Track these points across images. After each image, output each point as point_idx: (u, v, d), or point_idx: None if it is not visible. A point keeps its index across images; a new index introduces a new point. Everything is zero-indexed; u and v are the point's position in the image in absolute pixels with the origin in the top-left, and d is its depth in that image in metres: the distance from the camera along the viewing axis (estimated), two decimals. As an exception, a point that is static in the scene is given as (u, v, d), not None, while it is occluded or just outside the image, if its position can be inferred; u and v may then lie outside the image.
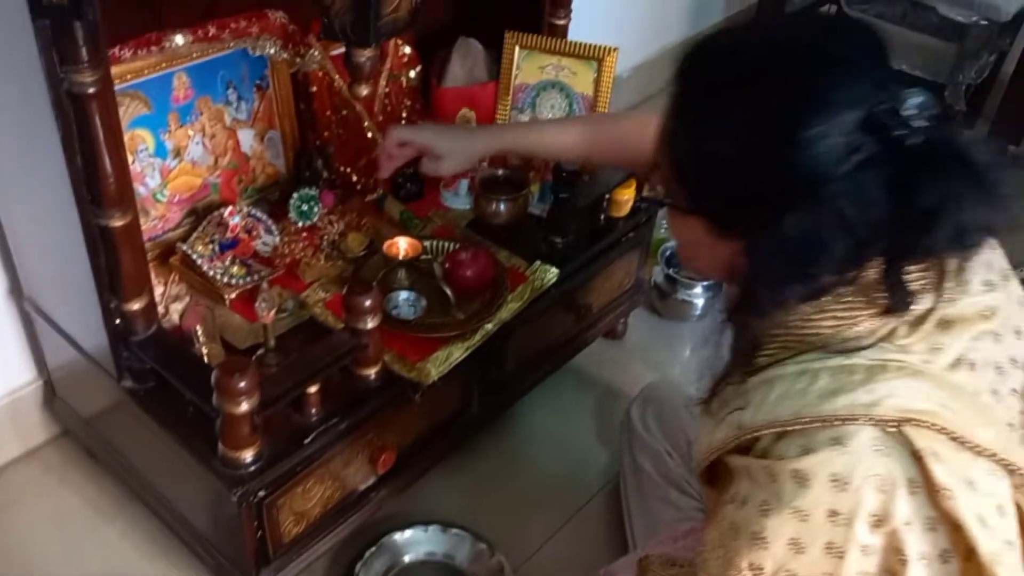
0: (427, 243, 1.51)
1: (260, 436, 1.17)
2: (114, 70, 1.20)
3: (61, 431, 1.64)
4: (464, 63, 1.70)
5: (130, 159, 1.37)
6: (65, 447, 1.64)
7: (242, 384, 1.08)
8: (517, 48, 1.67)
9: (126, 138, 1.35)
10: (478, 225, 1.62)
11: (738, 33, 0.86)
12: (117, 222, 1.13)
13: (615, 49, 1.64)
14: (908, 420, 0.76)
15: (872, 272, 0.79)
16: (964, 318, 0.84)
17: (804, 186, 0.74)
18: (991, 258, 0.88)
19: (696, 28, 2.82)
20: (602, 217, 1.65)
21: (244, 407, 1.10)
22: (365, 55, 0.98)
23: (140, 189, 1.41)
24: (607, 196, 1.62)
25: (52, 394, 1.59)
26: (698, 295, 1.95)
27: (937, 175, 0.73)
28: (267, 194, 1.59)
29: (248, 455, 1.16)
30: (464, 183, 1.66)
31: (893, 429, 0.76)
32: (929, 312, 0.82)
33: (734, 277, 0.85)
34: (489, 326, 1.41)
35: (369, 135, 1.67)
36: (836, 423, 0.77)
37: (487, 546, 1.52)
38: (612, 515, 1.60)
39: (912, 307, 0.80)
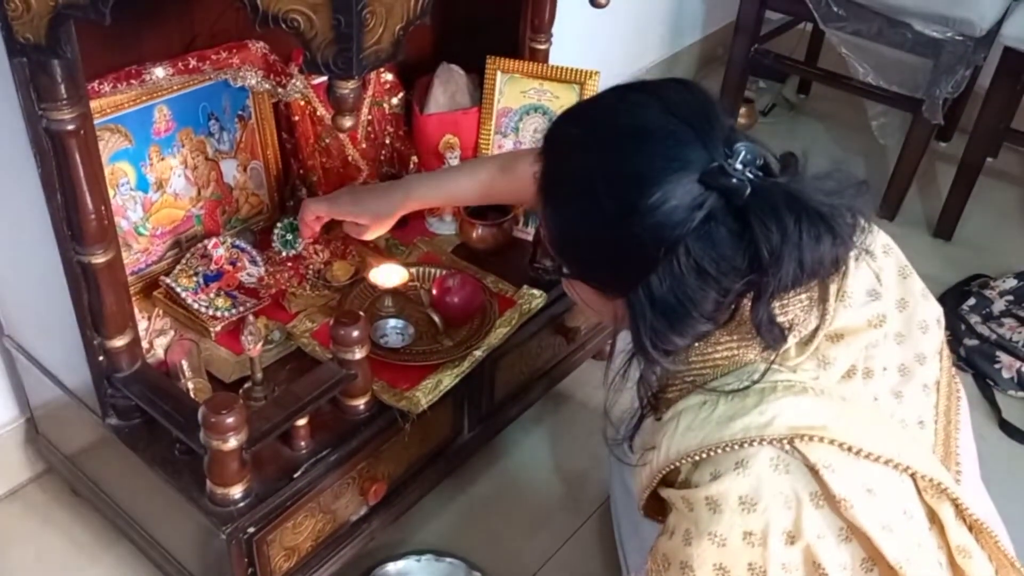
0: (413, 270, 1.50)
1: (249, 471, 1.15)
2: (94, 104, 1.20)
3: (44, 469, 1.62)
4: (446, 89, 1.70)
5: (111, 193, 1.36)
6: (48, 485, 1.61)
7: (230, 420, 1.06)
8: (499, 73, 1.67)
9: (107, 172, 1.33)
10: (464, 250, 1.61)
11: (580, 114, 0.93)
12: (99, 259, 1.12)
13: (596, 72, 1.65)
14: (800, 436, 0.81)
15: (743, 311, 0.86)
16: (852, 329, 0.91)
17: (659, 248, 0.80)
18: (882, 264, 0.98)
19: (673, 50, 2.84)
20: (588, 240, 1.65)
21: (232, 443, 1.08)
22: (348, 87, 0.97)
23: (122, 223, 1.39)
24: (592, 219, 1.62)
25: (34, 432, 1.56)
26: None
27: (769, 220, 0.79)
28: (251, 225, 1.58)
29: (237, 491, 1.15)
30: (449, 209, 1.65)
31: (788, 447, 0.81)
32: (816, 330, 0.89)
33: (627, 330, 0.90)
34: (478, 352, 1.40)
35: (352, 163, 1.66)
36: (736, 447, 0.82)
37: (481, 574, 1.50)
38: (606, 538, 1.58)
39: (789, 337, 0.87)
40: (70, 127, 1.03)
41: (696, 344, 0.88)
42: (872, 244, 0.91)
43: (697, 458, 0.85)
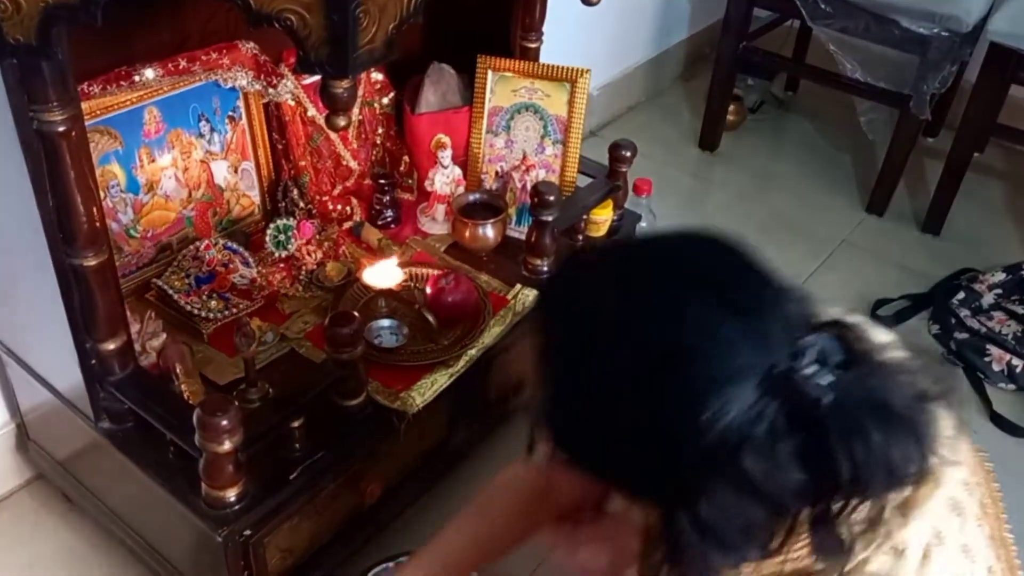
0: (407, 270, 1.49)
1: (244, 474, 1.14)
2: (84, 106, 1.18)
3: (34, 475, 1.60)
4: (437, 89, 1.69)
5: (101, 195, 1.34)
6: (39, 492, 1.60)
7: (224, 422, 1.06)
8: (490, 72, 1.67)
9: (97, 174, 1.32)
10: (457, 250, 1.61)
11: (601, 318, 0.72)
12: (91, 261, 1.11)
13: (587, 70, 1.64)
14: None
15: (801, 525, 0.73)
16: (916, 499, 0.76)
17: (711, 469, 0.66)
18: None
19: (660, 48, 2.84)
20: (580, 238, 1.65)
21: (227, 445, 1.07)
22: (342, 86, 0.96)
23: (113, 225, 1.38)
24: (585, 217, 1.62)
25: (25, 437, 1.55)
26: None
27: (851, 437, 0.66)
28: (243, 226, 1.57)
29: (232, 494, 1.14)
30: (441, 208, 1.65)
31: None
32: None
33: (650, 539, 0.75)
34: (473, 351, 1.40)
35: (344, 163, 1.65)
36: None
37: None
38: (602, 538, 1.58)
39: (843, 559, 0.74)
40: (61, 129, 1.01)
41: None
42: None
43: None
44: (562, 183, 1.65)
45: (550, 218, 1.50)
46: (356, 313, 1.25)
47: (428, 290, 1.43)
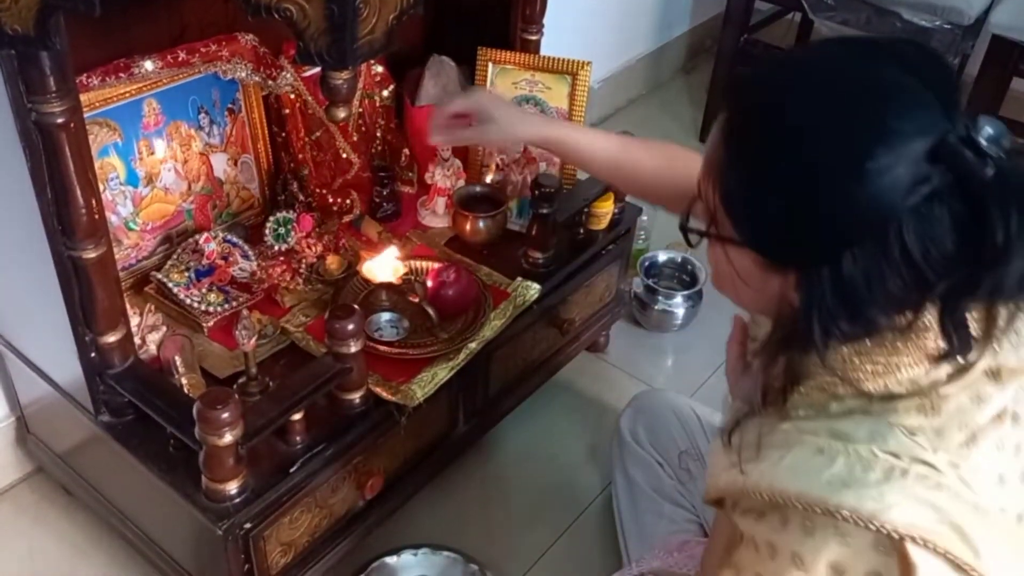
0: (407, 263, 1.49)
1: (244, 467, 1.14)
2: (82, 98, 1.18)
3: (34, 469, 1.60)
4: (437, 81, 1.69)
5: (100, 188, 1.34)
6: (39, 485, 1.60)
7: (225, 415, 1.05)
8: (490, 64, 1.66)
9: (96, 166, 1.32)
10: (457, 243, 1.61)
11: (793, 60, 0.82)
12: (90, 254, 1.10)
13: (588, 63, 1.64)
14: (913, 538, 0.71)
15: (924, 316, 0.74)
16: (1012, 369, 0.79)
17: (866, 221, 0.70)
18: None
19: (662, 41, 2.83)
20: (581, 231, 1.65)
21: (228, 438, 1.07)
22: (342, 77, 0.96)
23: (112, 218, 1.38)
24: (586, 210, 1.62)
25: (25, 431, 1.55)
26: (678, 305, 1.95)
27: (1009, 209, 0.68)
28: (242, 219, 1.57)
29: (233, 487, 1.14)
30: (441, 201, 1.64)
31: (895, 538, 0.72)
32: (972, 364, 0.76)
33: (781, 310, 0.79)
34: (473, 345, 1.39)
35: (344, 156, 1.65)
36: (839, 518, 0.73)
37: (478, 567, 1.50)
38: (605, 530, 1.58)
39: (966, 354, 0.75)
40: (60, 120, 1.01)
41: (843, 348, 0.77)
42: None
43: (785, 503, 0.76)
44: (563, 176, 1.64)
45: (551, 211, 1.50)
46: (356, 306, 1.25)
47: (428, 283, 1.42)
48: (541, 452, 1.73)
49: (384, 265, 1.44)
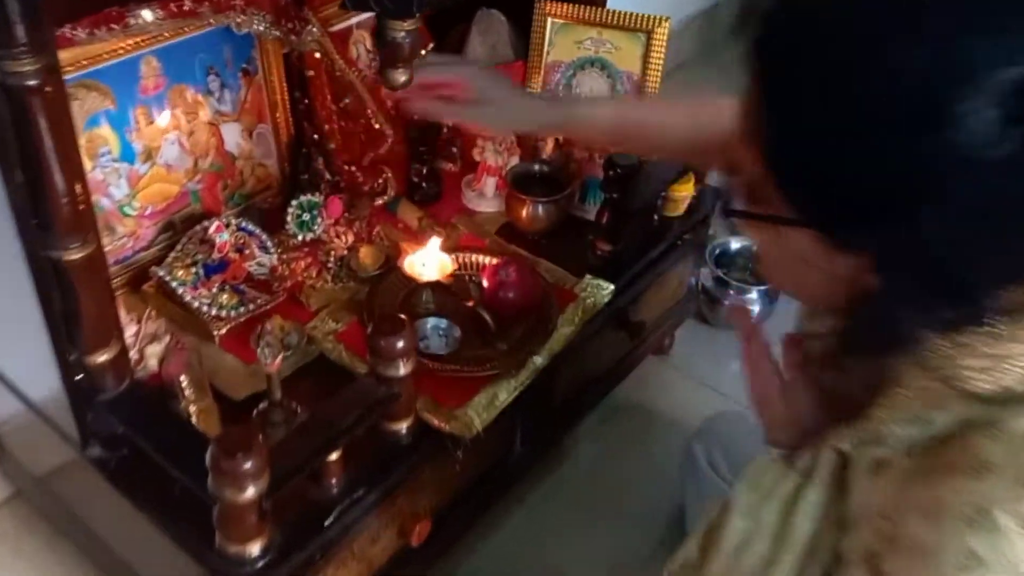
0: (454, 256, 1.25)
1: (269, 523, 0.91)
2: (65, 55, 0.94)
3: (12, 493, 1.37)
4: (485, 40, 1.44)
5: (88, 165, 1.10)
6: (18, 510, 1.37)
7: (248, 465, 0.82)
8: (549, 20, 1.41)
9: (82, 140, 1.08)
10: (510, 231, 1.37)
11: None
12: (74, 254, 0.87)
13: (666, 19, 1.39)
14: None
15: None
16: None
17: (952, 174, 0.56)
18: None
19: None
20: (656, 217, 1.40)
21: (250, 492, 0.84)
22: (405, 29, 0.72)
23: (103, 202, 1.14)
24: (663, 193, 1.37)
25: (0, 451, 1.31)
26: (753, 300, 1.71)
27: None
28: (258, 202, 1.32)
29: (255, 548, 0.90)
30: (491, 182, 1.40)
31: None
32: None
33: (853, 299, 0.66)
34: (538, 359, 1.16)
35: (376, 127, 1.40)
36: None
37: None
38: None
39: None
40: (32, 82, 0.78)
41: (938, 342, 0.64)
42: None
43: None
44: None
45: (626, 196, 1.25)
46: (404, 317, 1.01)
47: (485, 283, 1.18)
48: (603, 474, 1.50)
49: (431, 260, 1.20)
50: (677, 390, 1.64)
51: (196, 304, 1.13)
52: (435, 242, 1.20)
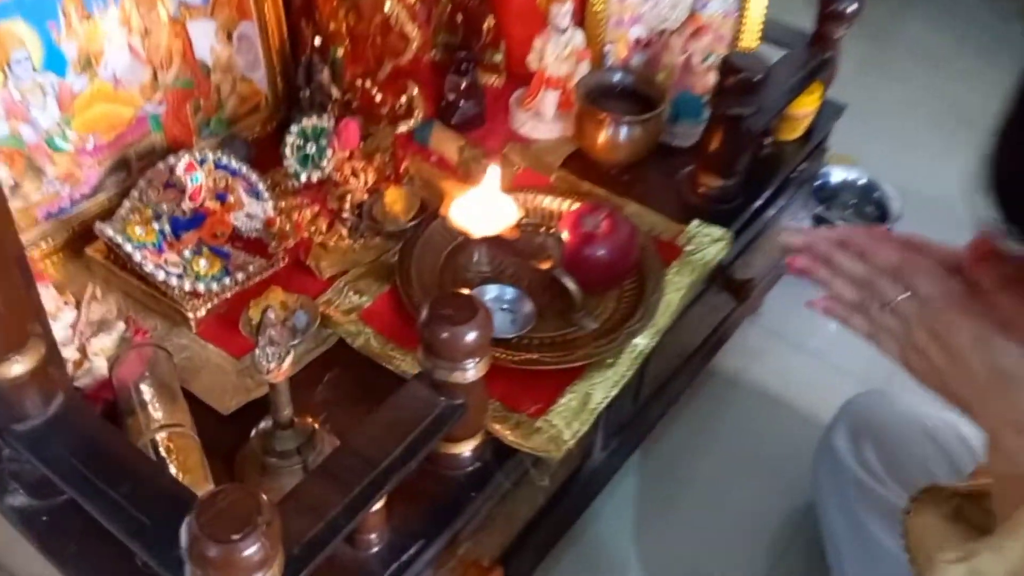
0: (517, 199, 0.91)
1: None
2: None
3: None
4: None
5: (-5, 78, 0.76)
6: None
7: (251, 551, 0.50)
8: None
9: (-21, 37, 0.73)
10: (581, 164, 1.03)
11: None
12: (-52, 212, 0.53)
13: None
14: None
15: None
16: None
17: None
18: None
19: None
20: (768, 141, 1.07)
21: (256, 589, 0.52)
22: None
23: (23, 131, 0.80)
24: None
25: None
26: (859, 246, 1.38)
27: None
28: (242, 130, 0.98)
29: (263, 659, 0.58)
30: (552, 98, 1.06)
31: None
32: None
33: None
34: (641, 340, 0.84)
35: (396, 27, 1.05)
36: None
37: None
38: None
39: None
40: None
41: None
42: None
43: None
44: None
45: (750, 111, 0.92)
46: (472, 293, 0.68)
47: (566, 235, 0.85)
48: (700, 471, 1.18)
49: (487, 205, 0.86)
50: (771, 356, 1.32)
51: (161, 275, 0.79)
52: (494, 178, 0.86)
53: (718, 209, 0.98)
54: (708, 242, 0.93)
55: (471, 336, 0.64)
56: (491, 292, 0.86)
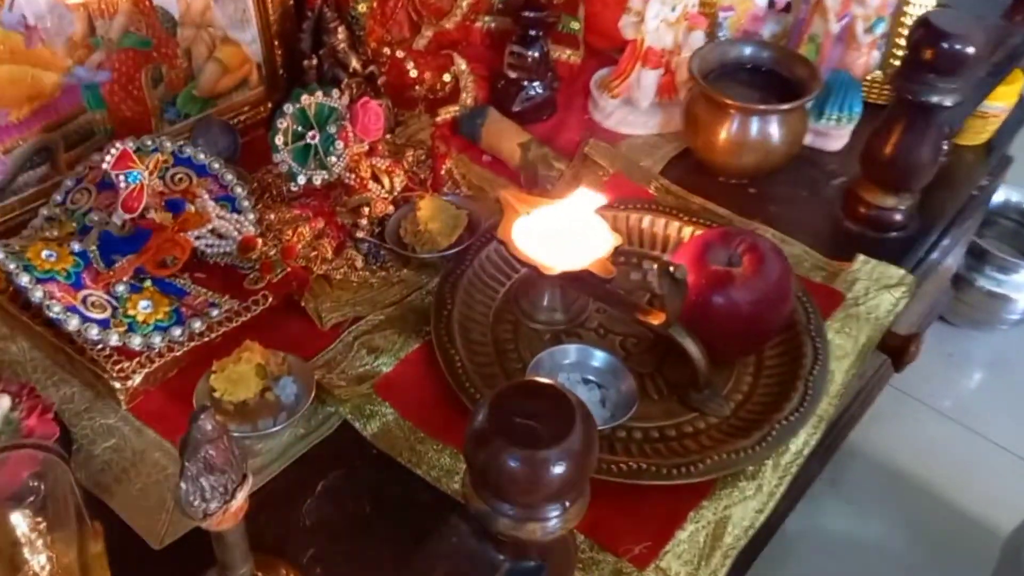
0: (607, 217, 0.63)
1: None
2: None
3: None
4: None
5: None
6: None
7: None
8: None
9: None
10: (690, 170, 0.75)
11: None
12: None
13: None
14: None
15: None
16: None
17: None
18: None
19: None
20: (945, 147, 0.78)
21: None
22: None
23: None
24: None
25: None
26: (1020, 286, 1.08)
27: None
28: (226, 112, 0.71)
29: None
30: (652, 79, 0.77)
31: None
32: None
33: None
34: (802, 438, 0.55)
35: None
36: None
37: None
38: None
39: None
40: None
41: None
42: None
43: None
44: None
45: (954, 100, 0.63)
46: (559, 385, 0.40)
47: (682, 274, 0.56)
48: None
49: (570, 226, 0.58)
50: (915, 422, 1.04)
51: (74, 323, 0.52)
52: (584, 193, 0.58)
53: (885, 238, 0.69)
54: (880, 288, 0.65)
55: (559, 470, 0.36)
56: (569, 355, 0.58)
